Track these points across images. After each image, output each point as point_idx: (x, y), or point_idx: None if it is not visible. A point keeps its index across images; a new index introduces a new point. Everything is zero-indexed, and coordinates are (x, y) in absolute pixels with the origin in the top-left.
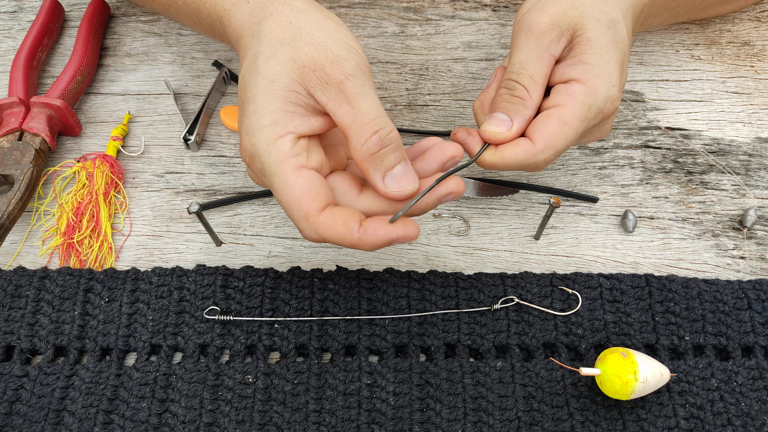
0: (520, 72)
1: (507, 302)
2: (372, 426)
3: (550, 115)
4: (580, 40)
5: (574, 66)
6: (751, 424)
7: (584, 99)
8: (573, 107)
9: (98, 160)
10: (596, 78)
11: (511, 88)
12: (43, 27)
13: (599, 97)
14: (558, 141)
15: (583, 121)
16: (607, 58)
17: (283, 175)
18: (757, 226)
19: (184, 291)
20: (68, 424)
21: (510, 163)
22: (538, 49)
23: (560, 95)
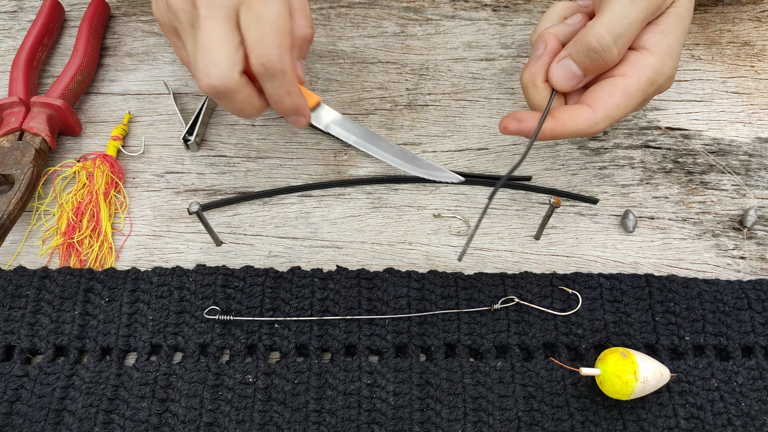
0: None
1: (507, 302)
2: (372, 426)
3: (616, 85)
4: (672, 12)
5: (654, 34)
6: (751, 424)
7: (650, 74)
8: (640, 80)
9: (98, 160)
10: (668, 57)
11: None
12: (43, 27)
13: (664, 75)
14: (619, 111)
15: (643, 95)
16: (681, 40)
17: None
18: (757, 226)
19: (184, 291)
20: (68, 424)
21: (571, 132)
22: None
23: (629, 65)
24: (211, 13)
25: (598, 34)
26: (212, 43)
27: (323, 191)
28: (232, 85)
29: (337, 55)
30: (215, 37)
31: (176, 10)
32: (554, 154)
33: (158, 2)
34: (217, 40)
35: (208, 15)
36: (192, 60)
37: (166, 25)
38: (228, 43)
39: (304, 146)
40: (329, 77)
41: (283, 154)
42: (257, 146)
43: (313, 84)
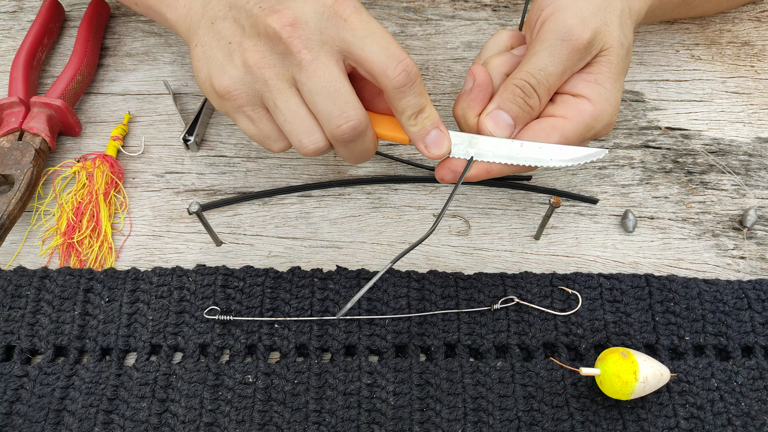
0: (541, 82)
1: (507, 302)
2: (372, 426)
3: (555, 127)
4: (602, 60)
5: (589, 84)
6: (751, 424)
7: (589, 120)
8: (577, 125)
9: (98, 160)
10: (605, 103)
11: (527, 94)
12: (43, 27)
13: (602, 121)
14: None
15: (579, 139)
16: (618, 86)
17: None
18: (757, 226)
19: (184, 291)
20: (68, 424)
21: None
22: (566, 64)
23: (568, 108)
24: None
25: (520, 81)
26: (335, 86)
27: (323, 191)
28: (367, 122)
29: None
30: (334, 78)
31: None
32: None
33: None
34: (337, 80)
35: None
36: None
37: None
38: (347, 80)
39: None
40: None
41: (283, 154)
42: (257, 146)
43: None
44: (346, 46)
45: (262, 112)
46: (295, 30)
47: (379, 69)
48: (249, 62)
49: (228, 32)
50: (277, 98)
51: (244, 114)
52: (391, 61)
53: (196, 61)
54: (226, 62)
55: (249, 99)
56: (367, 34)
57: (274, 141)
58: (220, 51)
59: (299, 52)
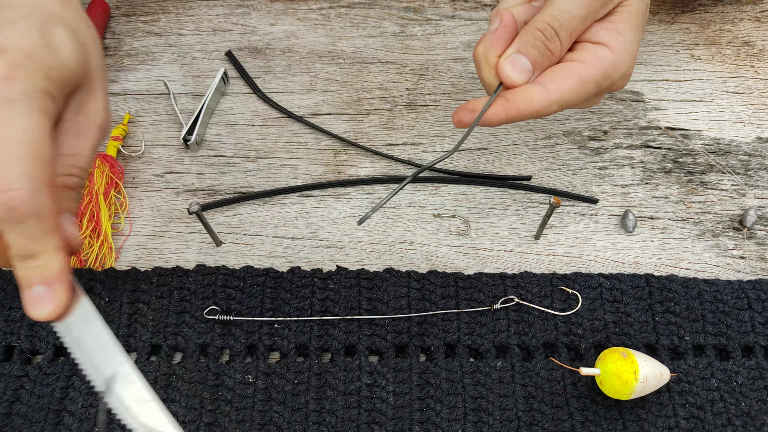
0: (564, 25)
1: (507, 302)
2: (372, 426)
3: (573, 70)
4: (623, 11)
5: (609, 32)
6: (751, 424)
7: (607, 67)
8: (596, 70)
9: (98, 160)
10: (624, 52)
11: (549, 37)
12: None
13: (620, 70)
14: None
15: (597, 86)
16: (637, 38)
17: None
18: (757, 226)
19: (184, 291)
20: (68, 424)
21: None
22: (589, 8)
23: (587, 53)
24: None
25: (542, 24)
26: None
27: (323, 191)
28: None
29: (337, 55)
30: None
31: None
32: (554, 154)
33: None
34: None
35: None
36: None
37: None
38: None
39: (304, 146)
40: (329, 77)
41: (283, 154)
42: (257, 146)
43: (312, 84)
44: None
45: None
46: None
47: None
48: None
49: None
50: None
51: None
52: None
53: None
54: None
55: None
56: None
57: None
58: None
59: None
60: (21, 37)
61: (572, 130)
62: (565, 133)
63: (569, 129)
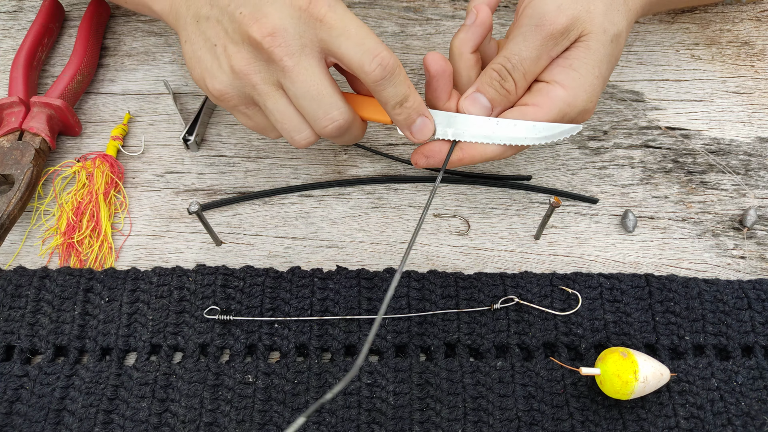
0: (516, 66)
1: (507, 302)
2: (372, 426)
3: (525, 113)
4: (580, 46)
5: (564, 69)
6: (751, 424)
7: (561, 106)
8: (549, 112)
9: (98, 159)
10: (579, 89)
11: (503, 77)
12: (43, 27)
13: (576, 108)
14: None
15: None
16: (597, 72)
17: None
18: (757, 225)
19: (184, 291)
20: (68, 423)
21: (478, 160)
22: (540, 49)
23: (540, 96)
24: (297, 61)
25: (497, 65)
26: (317, 89)
27: (323, 191)
28: (352, 117)
29: None
30: (316, 81)
31: (248, 74)
32: (554, 154)
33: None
34: (319, 82)
35: (295, 63)
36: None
37: (236, 95)
38: (329, 80)
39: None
40: None
41: (283, 154)
42: (257, 146)
43: None
44: (324, 45)
45: (255, 108)
46: (275, 39)
47: (356, 65)
48: (236, 68)
49: (212, 33)
50: (267, 101)
51: (239, 111)
52: (366, 56)
53: (188, 60)
54: (215, 66)
55: (241, 100)
56: (341, 32)
57: (270, 131)
58: (208, 52)
59: (281, 59)
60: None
61: None
62: None
63: None
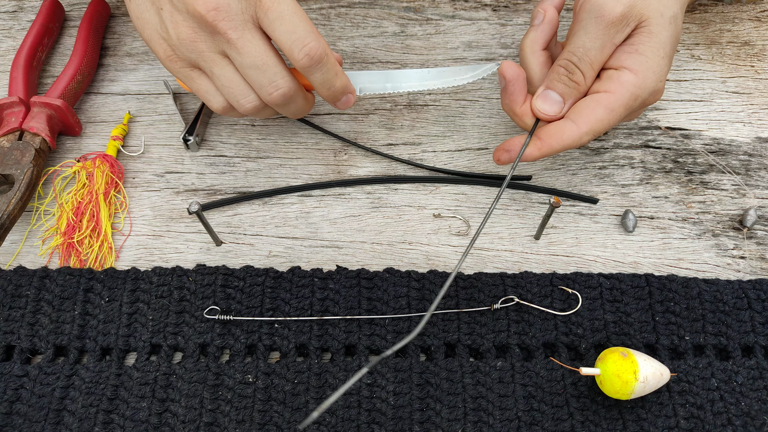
0: (582, 58)
1: (507, 302)
2: (372, 426)
3: (599, 101)
4: (642, 31)
5: (630, 55)
6: (751, 424)
7: (633, 89)
8: (621, 96)
9: (98, 159)
10: (648, 71)
11: (570, 71)
12: (43, 27)
13: (647, 89)
14: (602, 126)
15: (627, 109)
16: (662, 53)
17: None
18: (757, 226)
19: (184, 291)
20: (68, 423)
21: (557, 149)
22: (603, 38)
23: (611, 82)
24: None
25: (563, 61)
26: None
27: (323, 191)
28: (296, 86)
29: None
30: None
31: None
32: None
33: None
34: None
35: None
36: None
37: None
38: (273, 51)
39: (304, 146)
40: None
41: (283, 154)
42: (257, 146)
43: None
44: (261, 25)
45: (199, 72)
46: (218, 13)
47: (286, 51)
48: (181, 36)
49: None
50: (213, 67)
51: (184, 74)
52: (296, 45)
53: (135, 20)
54: (161, 29)
55: (187, 63)
56: (276, 17)
57: (213, 96)
58: (155, 15)
59: (225, 32)
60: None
61: None
62: None
63: None
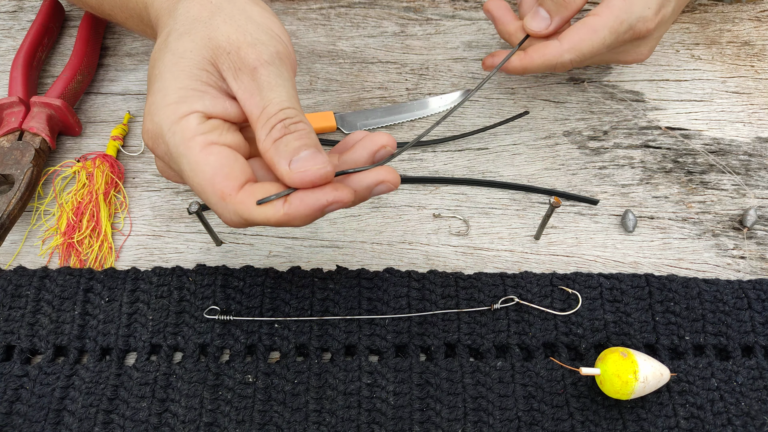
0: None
1: (507, 302)
2: (372, 426)
3: (585, 22)
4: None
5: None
6: (751, 424)
7: (618, 13)
8: (606, 17)
9: (98, 159)
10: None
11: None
12: (43, 27)
13: (633, 14)
14: (584, 44)
15: (612, 32)
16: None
17: (191, 154)
18: (757, 226)
19: (184, 291)
20: (68, 423)
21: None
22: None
23: (599, 6)
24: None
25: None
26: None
27: None
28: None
29: (337, 54)
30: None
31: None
32: (554, 154)
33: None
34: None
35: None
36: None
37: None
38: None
39: None
40: (329, 77)
41: None
42: None
43: (312, 84)
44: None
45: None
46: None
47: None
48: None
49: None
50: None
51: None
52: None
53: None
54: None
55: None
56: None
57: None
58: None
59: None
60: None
61: (572, 130)
62: (565, 133)
63: (569, 129)
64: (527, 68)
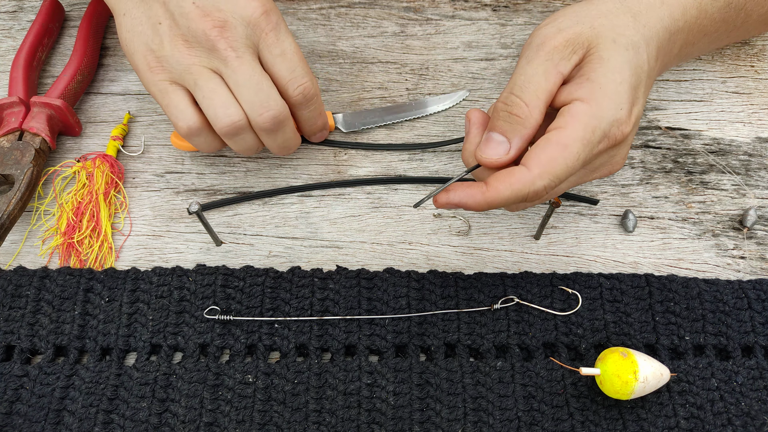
0: (523, 86)
1: (507, 302)
2: (372, 426)
3: (550, 139)
4: (592, 59)
5: (581, 85)
6: (751, 424)
7: (587, 120)
8: (574, 129)
9: (98, 159)
10: (603, 98)
11: (510, 104)
12: (43, 27)
13: (604, 119)
14: (557, 166)
15: (585, 145)
16: (618, 79)
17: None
18: (757, 226)
19: (184, 291)
20: (68, 423)
21: (507, 195)
22: (546, 64)
23: (562, 117)
24: (240, 54)
25: (503, 96)
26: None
27: (323, 191)
28: (286, 113)
29: (337, 55)
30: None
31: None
32: None
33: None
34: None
35: (239, 56)
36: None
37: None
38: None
39: (304, 146)
40: (329, 77)
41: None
42: None
43: None
44: (261, 55)
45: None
46: (223, 32)
47: (282, 85)
48: (176, 48)
49: (159, 13)
50: (198, 79)
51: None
52: (293, 82)
53: (125, 33)
54: (156, 41)
55: (168, 76)
56: (279, 53)
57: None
58: (150, 28)
59: (225, 49)
60: None
61: None
62: None
63: None
64: (492, 202)
